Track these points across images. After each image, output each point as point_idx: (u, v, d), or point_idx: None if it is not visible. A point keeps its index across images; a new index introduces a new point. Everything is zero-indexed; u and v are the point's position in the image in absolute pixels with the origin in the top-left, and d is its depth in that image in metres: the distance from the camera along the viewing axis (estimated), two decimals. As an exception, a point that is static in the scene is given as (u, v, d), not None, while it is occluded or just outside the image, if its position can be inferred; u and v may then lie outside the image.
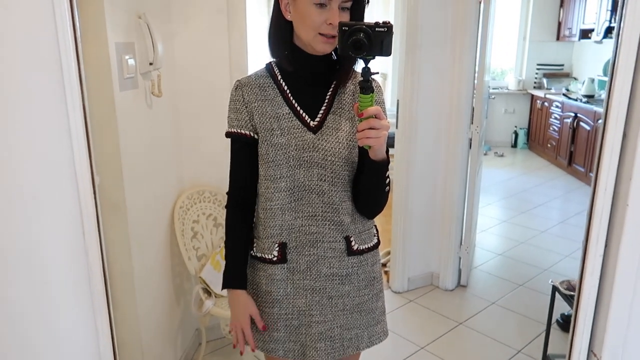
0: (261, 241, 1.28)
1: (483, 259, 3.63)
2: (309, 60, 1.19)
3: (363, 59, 1.06)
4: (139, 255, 1.82)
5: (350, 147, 1.20)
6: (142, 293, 1.86)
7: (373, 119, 1.05)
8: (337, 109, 1.22)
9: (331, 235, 1.23)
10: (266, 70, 1.25)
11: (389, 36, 1.03)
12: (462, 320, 2.82)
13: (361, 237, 1.29)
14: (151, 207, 1.99)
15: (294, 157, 1.18)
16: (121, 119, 1.65)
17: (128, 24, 1.73)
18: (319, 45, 1.14)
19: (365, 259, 1.29)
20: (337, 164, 1.19)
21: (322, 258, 1.24)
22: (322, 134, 1.19)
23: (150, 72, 1.89)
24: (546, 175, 5.92)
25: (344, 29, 1.03)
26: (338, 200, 1.22)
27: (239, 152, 1.25)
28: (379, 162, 1.14)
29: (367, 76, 1.05)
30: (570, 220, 4.44)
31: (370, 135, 1.05)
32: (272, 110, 1.20)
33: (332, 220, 1.23)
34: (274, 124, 1.19)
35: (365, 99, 1.06)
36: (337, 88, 1.23)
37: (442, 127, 3.03)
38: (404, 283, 3.14)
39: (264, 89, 1.22)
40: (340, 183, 1.21)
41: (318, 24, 1.11)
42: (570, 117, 5.79)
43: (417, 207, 3.05)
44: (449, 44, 2.91)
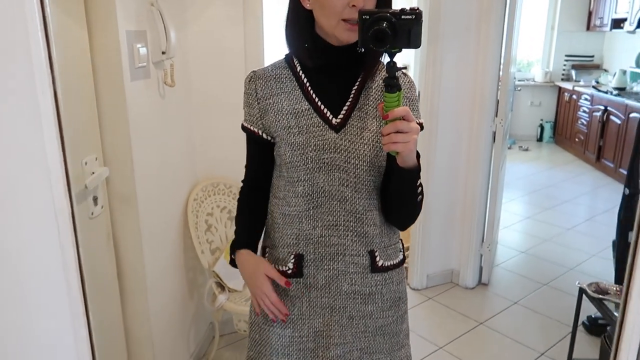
0: (276, 250, 1.17)
1: (505, 256, 3.52)
2: (332, 51, 1.07)
3: (387, 52, 0.92)
4: (150, 249, 1.78)
5: (376, 149, 1.07)
6: (154, 287, 1.83)
7: (400, 121, 0.92)
8: (363, 106, 1.09)
9: (354, 248, 1.11)
10: (285, 61, 1.14)
11: (417, 25, 0.89)
12: (483, 320, 2.73)
13: (387, 252, 1.15)
14: (164, 199, 1.95)
15: (312, 159, 1.06)
16: (132, 110, 1.60)
17: (140, 12, 1.68)
18: (343, 34, 1.01)
19: (390, 277, 1.16)
20: (362, 168, 1.07)
21: (343, 273, 1.11)
22: (346, 134, 1.06)
23: (163, 62, 1.85)
24: (573, 171, 5.74)
25: (364, 18, 0.90)
26: (362, 208, 1.10)
27: (250, 146, 1.19)
28: (408, 169, 1.01)
29: (392, 72, 0.92)
30: (598, 218, 4.28)
31: (397, 139, 0.92)
32: (289, 106, 1.09)
33: (355, 231, 1.10)
34: (292, 121, 1.08)
35: (390, 98, 0.92)
36: (363, 82, 1.10)
37: (465, 119, 2.92)
38: (423, 280, 3.06)
39: (280, 81, 1.11)
40: (364, 189, 1.09)
41: (340, 8, 0.99)
42: (600, 111, 5.59)
43: (438, 202, 2.95)
44: (473, 33, 2.79)
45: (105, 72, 1.54)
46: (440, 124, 2.86)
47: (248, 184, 1.24)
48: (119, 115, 1.58)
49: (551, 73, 6.95)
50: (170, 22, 1.82)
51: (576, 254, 3.56)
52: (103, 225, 1.62)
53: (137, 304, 1.78)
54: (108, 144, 1.60)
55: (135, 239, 1.71)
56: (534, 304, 2.89)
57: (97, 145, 1.56)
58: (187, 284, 2.22)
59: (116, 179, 1.63)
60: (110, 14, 1.50)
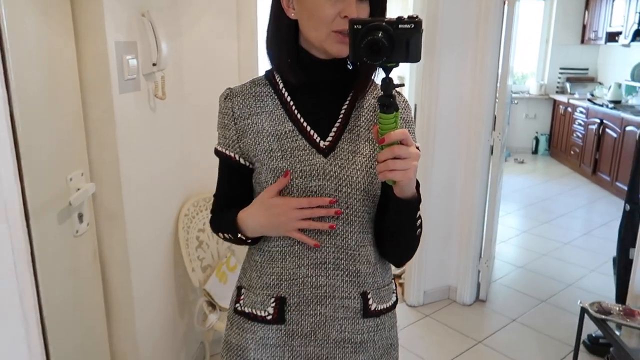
0: (253, 292, 1.02)
1: (503, 271, 3.47)
2: (319, 66, 0.96)
3: (382, 67, 0.82)
4: (138, 267, 1.71)
5: (371, 176, 0.95)
6: (141, 307, 1.75)
7: (397, 146, 0.81)
8: (354, 127, 0.97)
9: (344, 290, 0.98)
10: (265, 78, 1.02)
11: (416, 35, 0.78)
12: (481, 338, 2.67)
13: (380, 294, 1.03)
14: (153, 215, 1.88)
15: (298, 187, 0.93)
16: (120, 123, 1.55)
17: (130, 22, 1.63)
18: (333, 47, 0.90)
19: (382, 322, 1.04)
20: (354, 197, 0.94)
21: (331, 319, 0.98)
22: (335, 158, 0.94)
23: (153, 73, 1.79)
24: (569, 183, 5.71)
25: (356, 28, 0.79)
26: (355, 244, 0.97)
27: (223, 174, 1.05)
28: (406, 201, 0.90)
29: (388, 90, 0.80)
30: (595, 232, 4.24)
31: (394, 167, 0.81)
32: (270, 127, 0.97)
33: (346, 270, 0.97)
34: (274, 144, 0.95)
35: (387, 119, 0.81)
36: (354, 100, 0.99)
37: (462, 133, 2.88)
38: (420, 296, 2.99)
39: (260, 99, 0.99)
40: (357, 222, 0.96)
41: (331, 17, 0.88)
42: (596, 124, 5.58)
43: (434, 217, 2.90)
44: (470, 46, 2.76)
45: (93, 84, 1.48)
46: (437, 138, 2.82)
47: (219, 211, 1.07)
48: (106, 129, 1.52)
49: (546, 86, 6.96)
50: (162, 33, 1.76)
51: (574, 269, 3.51)
52: (89, 243, 1.55)
53: (124, 325, 1.71)
54: (95, 159, 1.54)
55: (122, 257, 1.65)
56: (533, 322, 2.83)
57: (83, 161, 1.50)
58: (177, 303, 2.15)
59: (103, 195, 1.57)
60: (99, 24, 1.44)
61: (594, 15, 6.31)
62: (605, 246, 3.82)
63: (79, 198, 1.42)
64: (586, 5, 6.53)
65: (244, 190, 1.03)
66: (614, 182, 5.15)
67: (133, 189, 1.65)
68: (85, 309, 1.54)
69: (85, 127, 1.50)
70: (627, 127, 4.91)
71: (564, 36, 6.74)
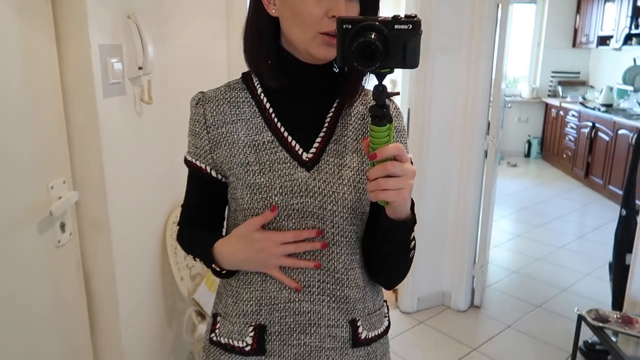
0: (229, 320, 0.92)
1: (497, 276, 3.44)
2: (302, 70, 0.87)
3: (375, 73, 0.73)
4: (124, 277, 1.66)
5: (359, 192, 0.85)
6: (128, 318, 1.70)
7: (391, 163, 0.72)
8: (340, 137, 0.88)
9: (331, 317, 0.88)
10: (242, 81, 0.93)
11: (414, 38, 0.69)
12: (476, 345, 2.63)
13: (371, 320, 0.93)
14: (140, 223, 1.83)
15: (278, 205, 0.84)
16: (105, 128, 1.49)
17: (115, 24, 1.58)
18: (319, 50, 0.82)
19: (374, 351, 0.94)
20: (341, 216, 0.85)
21: (316, 350, 0.88)
22: (320, 172, 0.85)
23: (139, 77, 1.74)
24: (562, 187, 5.71)
25: (345, 28, 0.69)
26: (342, 266, 0.87)
27: (193, 185, 0.96)
28: (400, 222, 0.80)
29: (381, 99, 0.72)
30: (588, 236, 4.23)
31: (387, 186, 0.72)
32: (247, 136, 0.87)
33: (332, 295, 0.87)
34: (251, 156, 0.86)
35: (379, 132, 0.72)
36: (341, 108, 0.90)
37: (456, 137, 2.85)
38: (414, 303, 2.95)
39: (236, 106, 0.89)
40: (344, 242, 0.87)
41: (317, 17, 0.79)
42: (588, 127, 5.58)
43: (428, 222, 2.86)
44: (464, 49, 2.74)
45: (76, 89, 1.43)
46: (431, 142, 2.78)
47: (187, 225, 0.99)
48: (90, 135, 1.46)
49: (538, 89, 6.97)
50: (148, 35, 1.71)
51: (569, 273, 3.49)
52: (72, 253, 1.49)
53: (109, 337, 1.65)
54: (78, 166, 1.48)
55: (107, 267, 1.59)
56: (528, 328, 2.79)
57: (65, 168, 1.44)
58: (165, 313, 2.09)
59: (87, 203, 1.51)
60: (82, 26, 1.39)
61: (585, 19, 6.33)
62: (599, 250, 3.81)
63: (61, 207, 1.37)
64: (577, 9, 6.55)
65: (215, 204, 0.95)
66: (607, 185, 5.15)
67: (118, 196, 1.59)
68: (68, 322, 1.48)
69: (68, 133, 1.45)
70: (620, 131, 4.92)
71: (555, 40, 6.76)
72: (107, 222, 1.55)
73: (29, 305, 1.27)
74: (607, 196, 5.14)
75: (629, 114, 5.13)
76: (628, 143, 4.73)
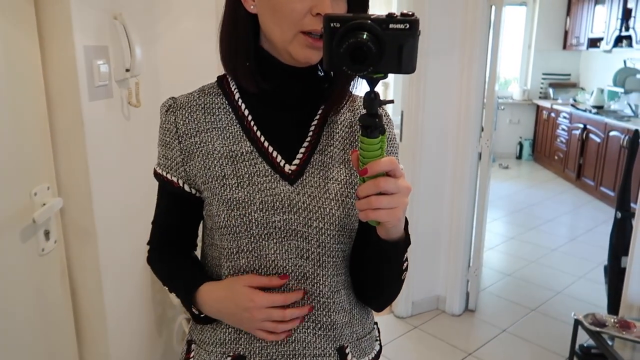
0: (205, 349, 0.84)
1: (491, 280, 3.41)
2: (284, 74, 0.79)
3: (367, 79, 0.65)
4: (112, 285, 1.61)
5: (347, 207, 0.78)
6: (116, 327, 1.65)
7: (384, 179, 0.64)
8: (326, 147, 0.80)
9: (317, 346, 0.81)
10: (217, 85, 0.84)
11: (412, 39, 0.60)
12: (471, 350, 2.60)
13: (360, 346, 0.86)
14: (128, 229, 1.78)
15: (258, 222, 0.76)
16: (90, 133, 1.44)
17: (101, 25, 1.53)
18: (300, 51, 0.74)
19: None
20: (327, 234, 0.77)
21: None
22: (304, 186, 0.77)
23: (127, 80, 1.69)
24: (554, 189, 5.71)
25: (333, 27, 0.61)
26: (328, 290, 0.79)
27: (164, 200, 0.88)
28: (392, 243, 0.73)
29: (373, 108, 0.64)
30: (581, 238, 4.23)
31: (379, 205, 0.64)
32: (223, 147, 0.79)
33: (318, 321, 0.80)
34: (227, 168, 0.78)
35: (370, 145, 0.65)
36: (325, 115, 0.82)
37: (450, 140, 2.83)
38: (408, 307, 2.92)
39: (211, 113, 0.81)
40: (331, 263, 0.79)
41: (299, 14, 0.71)
42: (579, 129, 5.60)
43: (422, 226, 2.83)
44: (457, 51, 2.72)
45: (60, 92, 1.38)
46: (424, 144, 2.76)
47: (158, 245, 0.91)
48: (75, 139, 1.42)
49: (529, 91, 6.99)
50: (136, 37, 1.67)
51: (563, 276, 3.47)
52: (56, 262, 1.44)
53: (97, 347, 1.60)
54: (63, 172, 1.43)
55: (94, 275, 1.54)
56: (523, 332, 2.77)
57: (49, 174, 1.39)
58: (155, 320, 2.04)
59: (72, 210, 1.46)
60: (66, 27, 1.34)
61: (575, 21, 6.36)
62: (593, 252, 3.80)
63: (45, 214, 1.32)
64: (568, 11, 6.58)
65: (188, 223, 0.87)
66: (599, 187, 5.16)
67: (105, 203, 1.54)
68: (53, 333, 1.43)
69: (52, 138, 1.40)
70: (611, 132, 4.93)
71: (546, 42, 6.79)
72: (94, 229, 1.50)
73: (12, 316, 1.22)
74: (599, 198, 5.15)
75: (619, 116, 5.14)
76: (619, 145, 4.74)
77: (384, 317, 2.83)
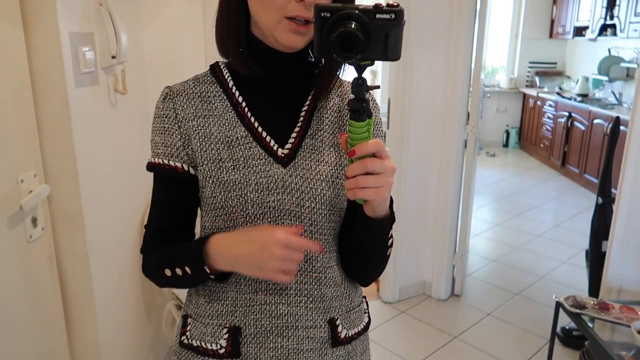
0: (201, 321, 0.87)
1: (477, 265, 3.47)
2: (274, 59, 0.83)
3: (355, 66, 0.69)
4: (100, 271, 1.62)
5: (337, 188, 0.83)
6: (105, 313, 1.66)
7: (370, 160, 0.69)
8: (316, 132, 0.85)
9: (309, 318, 0.85)
10: (211, 74, 0.88)
11: (397, 29, 0.65)
12: (457, 333, 2.65)
13: (350, 317, 0.91)
14: (115, 216, 1.78)
15: (254, 202, 0.80)
16: (77, 119, 1.44)
17: (86, 12, 1.52)
18: (284, 36, 0.77)
19: (354, 349, 0.91)
20: (319, 213, 0.82)
21: (295, 352, 0.85)
22: (296, 168, 0.82)
23: (113, 67, 1.69)
24: (539, 176, 5.79)
25: (323, 16, 0.66)
26: (320, 265, 0.84)
27: (167, 190, 0.86)
28: (378, 220, 0.79)
29: (361, 93, 0.69)
30: (565, 224, 4.30)
31: (366, 184, 0.69)
32: (220, 132, 0.83)
33: (310, 295, 0.84)
34: (224, 152, 0.82)
35: (357, 128, 0.70)
36: (315, 101, 0.86)
37: (436, 127, 2.85)
38: (395, 293, 2.96)
39: (207, 101, 0.85)
40: (323, 240, 0.84)
41: (283, 1, 0.75)
42: (564, 117, 5.67)
43: (409, 212, 2.87)
44: (443, 39, 2.73)
45: (45, 78, 1.38)
46: (411, 132, 2.78)
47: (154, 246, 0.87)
48: (61, 126, 1.42)
49: (516, 79, 7.05)
50: (122, 23, 1.66)
51: (546, 261, 3.54)
52: (45, 248, 1.44)
53: (86, 333, 1.61)
54: (49, 159, 1.43)
55: (82, 261, 1.55)
56: (507, 315, 2.83)
57: (36, 160, 1.39)
58: (144, 307, 2.05)
59: (59, 196, 1.47)
60: (50, 13, 1.34)
61: (562, 9, 6.40)
62: (576, 238, 3.88)
63: (32, 201, 1.32)
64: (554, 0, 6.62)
65: (188, 211, 0.86)
66: (583, 174, 5.24)
67: (92, 189, 1.55)
68: (41, 319, 1.43)
69: (38, 124, 1.39)
70: (595, 120, 5.00)
71: (533, 30, 6.83)
72: (81, 215, 1.50)
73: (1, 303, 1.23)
74: (583, 185, 5.23)
75: (604, 104, 5.21)
76: (603, 132, 4.82)
77: (371, 303, 2.87)
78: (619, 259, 2.21)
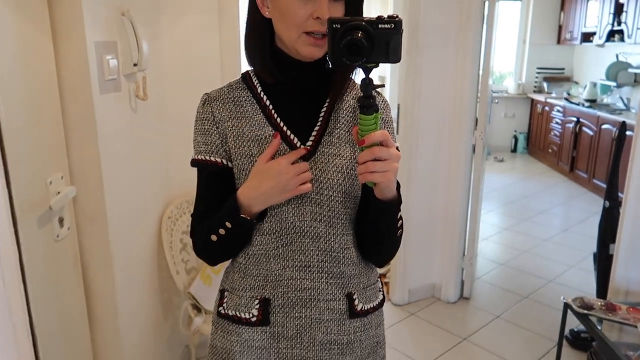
0: (236, 294, 1.01)
1: (485, 269, 3.50)
2: (295, 68, 0.95)
3: (362, 68, 0.82)
4: (121, 271, 1.68)
5: (351, 178, 0.95)
6: (125, 311, 1.72)
7: (378, 148, 0.81)
8: (333, 130, 0.97)
9: (329, 292, 0.98)
10: (242, 81, 1.01)
11: (396, 36, 0.78)
12: (466, 335, 2.69)
13: (366, 293, 1.03)
14: (136, 218, 1.85)
15: None
16: (101, 124, 1.51)
17: (109, 22, 1.60)
18: (304, 49, 0.90)
19: (369, 322, 1.04)
20: (336, 200, 0.95)
21: (317, 321, 0.98)
22: (316, 162, 0.94)
23: (134, 74, 1.76)
24: (547, 181, 5.81)
25: (334, 27, 0.79)
26: (338, 246, 0.97)
27: (206, 186, 1.00)
28: (387, 202, 0.90)
29: (368, 91, 0.81)
30: (573, 229, 4.32)
31: (375, 169, 0.82)
32: (251, 132, 0.96)
33: (330, 272, 0.97)
34: (254, 149, 0.95)
35: (366, 120, 0.82)
36: (332, 103, 0.99)
37: (445, 132, 2.90)
38: (405, 295, 3.00)
39: (239, 105, 0.97)
40: (340, 224, 0.97)
41: (302, 19, 0.87)
42: (573, 122, 5.68)
43: (418, 216, 2.92)
44: (451, 46, 2.79)
45: (72, 85, 1.45)
46: (420, 137, 2.83)
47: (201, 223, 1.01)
48: (87, 131, 1.49)
49: (524, 85, 7.07)
50: (143, 32, 1.73)
51: (555, 265, 3.57)
52: (70, 247, 1.51)
53: (107, 330, 1.67)
54: (75, 162, 1.50)
55: (104, 261, 1.61)
56: (516, 318, 2.86)
57: (63, 163, 1.46)
58: (162, 306, 2.11)
59: (84, 198, 1.53)
60: (77, 23, 1.41)
61: (569, 15, 6.43)
62: (584, 242, 3.90)
63: (60, 202, 1.39)
64: (562, 5, 6.65)
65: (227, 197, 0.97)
66: (591, 179, 5.25)
67: (115, 191, 1.61)
68: (66, 315, 1.50)
69: (65, 129, 1.47)
70: (603, 125, 5.02)
71: (540, 36, 6.86)
72: (105, 216, 1.57)
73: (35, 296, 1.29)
74: (592, 190, 5.24)
75: (612, 109, 5.23)
76: (611, 137, 4.83)
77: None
78: (626, 261, 2.24)
